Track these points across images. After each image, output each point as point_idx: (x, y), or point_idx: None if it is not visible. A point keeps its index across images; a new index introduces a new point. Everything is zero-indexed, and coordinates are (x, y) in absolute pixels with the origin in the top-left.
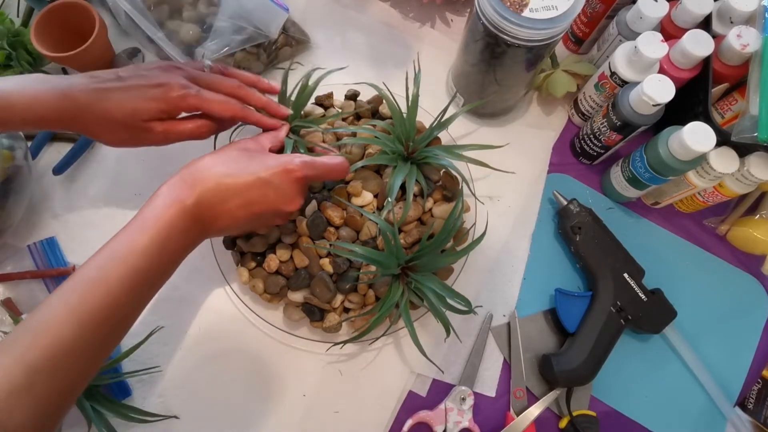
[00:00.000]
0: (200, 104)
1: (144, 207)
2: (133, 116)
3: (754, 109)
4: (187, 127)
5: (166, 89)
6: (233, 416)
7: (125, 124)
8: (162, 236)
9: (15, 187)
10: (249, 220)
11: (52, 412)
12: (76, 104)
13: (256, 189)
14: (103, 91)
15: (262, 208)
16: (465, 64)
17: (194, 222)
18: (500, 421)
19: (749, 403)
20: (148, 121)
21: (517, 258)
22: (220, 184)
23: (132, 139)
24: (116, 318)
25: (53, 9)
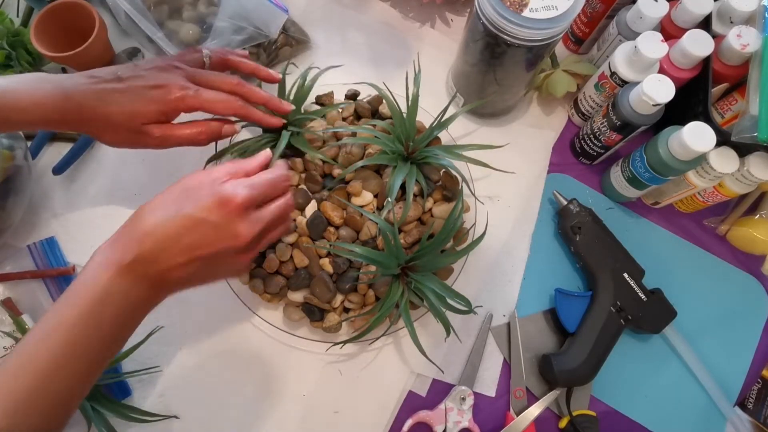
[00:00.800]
0: (199, 105)
1: (77, 276)
2: (132, 119)
3: (753, 109)
4: (185, 132)
5: (164, 91)
6: (233, 416)
7: (125, 127)
8: (95, 306)
9: (15, 187)
10: (202, 268)
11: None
12: (78, 105)
13: (192, 231)
14: (103, 92)
15: (206, 251)
16: (465, 64)
17: (137, 280)
18: (500, 421)
19: (749, 402)
20: (146, 124)
21: (517, 258)
22: (156, 232)
23: (131, 141)
24: (53, 398)
25: (53, 9)
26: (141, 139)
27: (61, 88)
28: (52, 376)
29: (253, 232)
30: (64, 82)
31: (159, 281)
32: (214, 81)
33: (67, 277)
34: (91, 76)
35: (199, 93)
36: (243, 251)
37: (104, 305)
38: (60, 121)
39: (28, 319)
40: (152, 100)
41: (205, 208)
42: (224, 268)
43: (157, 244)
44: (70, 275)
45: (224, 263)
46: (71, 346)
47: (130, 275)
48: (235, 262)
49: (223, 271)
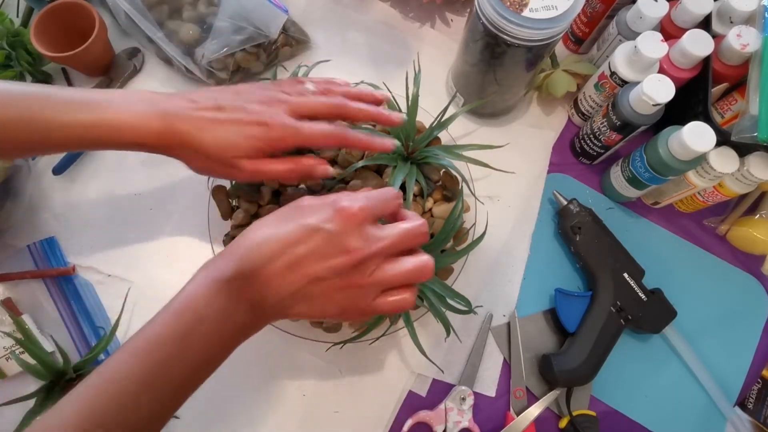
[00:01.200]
0: (301, 143)
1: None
2: (226, 152)
3: (753, 108)
4: (276, 168)
5: (265, 129)
6: (233, 416)
7: (217, 158)
8: (189, 323)
9: (15, 187)
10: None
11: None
12: (175, 133)
13: (301, 242)
14: (202, 120)
15: (313, 267)
16: (465, 64)
17: (236, 298)
18: (500, 421)
19: (749, 402)
20: (239, 158)
21: (517, 258)
22: (261, 245)
23: (219, 172)
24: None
25: (53, 9)
26: (230, 171)
27: (161, 111)
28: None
29: (366, 251)
30: (163, 104)
31: (259, 300)
32: (318, 110)
33: (67, 277)
34: (191, 100)
35: (301, 131)
36: (355, 274)
37: (200, 323)
38: (152, 145)
39: (28, 319)
40: (251, 136)
41: (320, 217)
42: (342, 295)
43: (260, 258)
44: (70, 275)
45: (340, 287)
46: (161, 366)
47: (229, 292)
48: (356, 289)
49: (342, 298)
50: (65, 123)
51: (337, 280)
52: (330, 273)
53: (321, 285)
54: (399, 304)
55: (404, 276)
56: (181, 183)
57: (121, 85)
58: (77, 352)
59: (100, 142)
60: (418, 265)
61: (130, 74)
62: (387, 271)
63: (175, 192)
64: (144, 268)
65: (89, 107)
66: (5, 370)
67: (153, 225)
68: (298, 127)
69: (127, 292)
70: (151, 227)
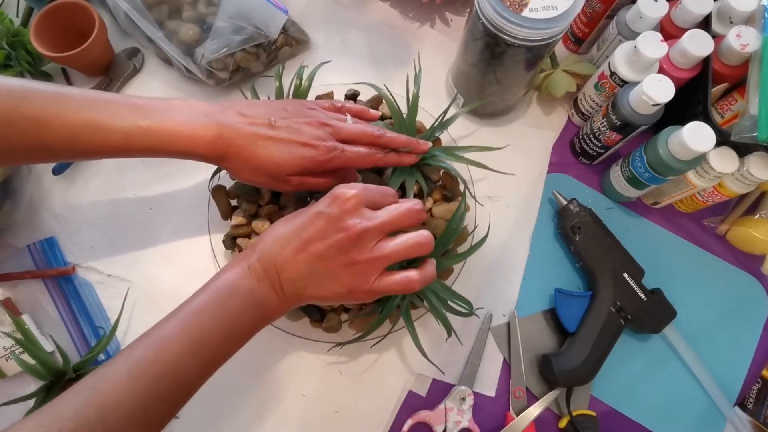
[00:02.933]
0: (343, 164)
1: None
2: (277, 169)
3: (753, 108)
4: (319, 181)
5: (314, 151)
6: (233, 416)
7: (267, 173)
8: (221, 295)
9: (14, 187)
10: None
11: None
12: (230, 144)
13: (309, 226)
14: (256, 137)
15: (319, 245)
16: (465, 63)
17: (260, 279)
18: (500, 421)
19: (749, 402)
20: (288, 174)
21: (516, 258)
22: (277, 236)
23: (267, 183)
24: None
25: (53, 9)
26: (278, 185)
27: (216, 122)
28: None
29: (362, 226)
30: (217, 116)
31: (278, 282)
32: (358, 137)
33: (67, 277)
34: (244, 115)
35: (344, 153)
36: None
37: (231, 297)
38: (204, 155)
39: (27, 319)
40: (302, 157)
41: (322, 204)
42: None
43: (275, 247)
44: (70, 275)
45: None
46: (200, 330)
47: (255, 275)
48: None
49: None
50: (125, 129)
51: (341, 257)
52: (332, 250)
53: (326, 263)
54: (404, 281)
55: (404, 250)
56: (181, 183)
57: (121, 85)
58: (77, 352)
59: (154, 148)
60: (417, 239)
61: (129, 74)
62: (386, 246)
63: (175, 192)
64: (144, 268)
65: (148, 114)
66: (5, 370)
67: (153, 225)
68: (342, 150)
69: (127, 291)
70: (151, 227)
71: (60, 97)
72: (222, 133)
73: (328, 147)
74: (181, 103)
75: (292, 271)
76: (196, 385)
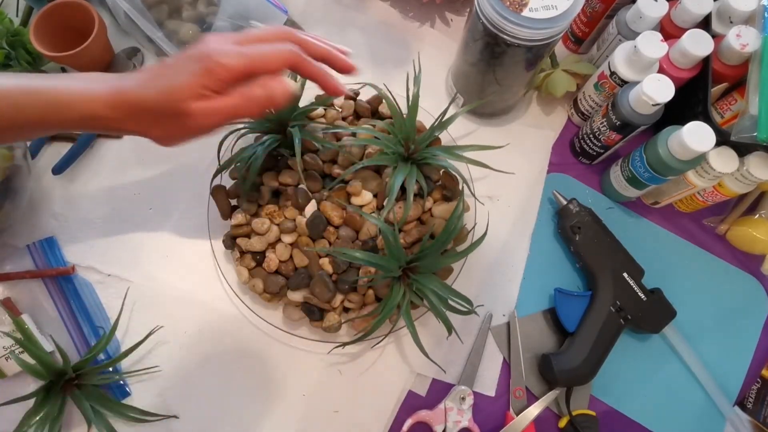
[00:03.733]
0: (247, 64)
1: None
2: (170, 98)
3: (753, 108)
4: (228, 102)
5: (206, 61)
6: (233, 416)
7: (166, 112)
8: None
9: (14, 187)
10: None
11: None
12: (123, 96)
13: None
14: (145, 79)
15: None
16: (465, 63)
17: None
18: (500, 421)
19: (748, 402)
20: (186, 101)
21: (516, 258)
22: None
23: (177, 130)
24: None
25: (52, 8)
26: (183, 123)
27: (109, 82)
28: None
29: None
30: (113, 79)
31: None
32: (265, 36)
33: (67, 276)
34: (141, 70)
35: (244, 50)
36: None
37: None
38: (105, 117)
39: (27, 318)
40: (193, 73)
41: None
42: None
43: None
44: (70, 275)
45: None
46: None
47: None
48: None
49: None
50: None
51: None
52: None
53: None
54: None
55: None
56: (180, 183)
57: None
58: (76, 352)
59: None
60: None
61: None
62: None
63: (174, 192)
64: (143, 268)
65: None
66: (5, 369)
67: (153, 225)
68: (242, 51)
69: (127, 291)
70: (150, 227)
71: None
72: (114, 88)
73: (222, 50)
74: (67, 76)
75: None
76: None
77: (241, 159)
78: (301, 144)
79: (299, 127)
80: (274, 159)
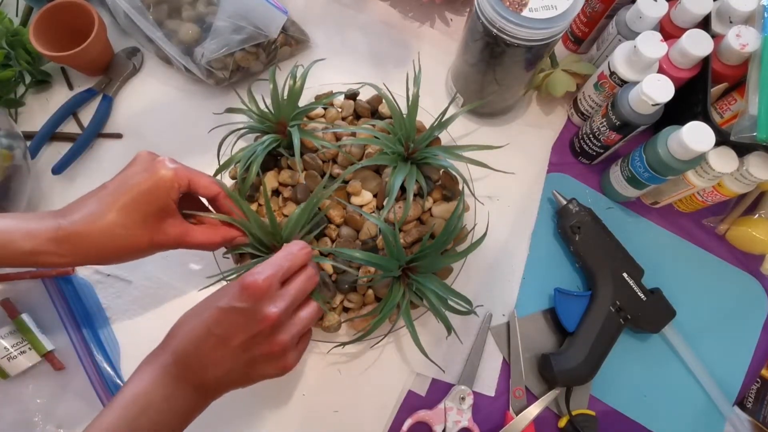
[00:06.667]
0: (192, 178)
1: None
2: (131, 212)
3: (753, 108)
4: (203, 238)
5: (155, 169)
6: (233, 415)
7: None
8: (134, 414)
9: (14, 187)
10: (239, 361)
11: None
12: (73, 232)
13: (222, 322)
14: (89, 203)
15: (239, 339)
16: (464, 63)
17: (178, 382)
18: (499, 421)
19: (748, 402)
20: (159, 221)
21: (516, 257)
22: (189, 332)
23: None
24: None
25: (52, 8)
26: (158, 239)
27: (52, 215)
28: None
29: (279, 310)
30: (53, 215)
31: (200, 382)
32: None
33: (66, 277)
34: (78, 200)
35: (182, 166)
36: (277, 334)
37: (145, 412)
38: (55, 254)
39: (27, 318)
40: (146, 187)
41: (230, 297)
42: (264, 363)
43: (192, 343)
44: (69, 275)
45: (261, 354)
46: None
47: (171, 380)
48: (274, 353)
49: (264, 366)
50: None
51: (266, 343)
52: (254, 340)
53: (251, 352)
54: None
55: (307, 324)
56: None
57: (121, 84)
58: (75, 352)
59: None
60: (312, 313)
61: (129, 74)
62: (295, 325)
63: None
64: (143, 268)
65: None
66: (7, 370)
67: None
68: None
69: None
70: None
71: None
72: (59, 223)
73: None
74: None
75: (217, 367)
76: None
77: (240, 159)
78: (300, 143)
79: (298, 127)
80: (274, 159)
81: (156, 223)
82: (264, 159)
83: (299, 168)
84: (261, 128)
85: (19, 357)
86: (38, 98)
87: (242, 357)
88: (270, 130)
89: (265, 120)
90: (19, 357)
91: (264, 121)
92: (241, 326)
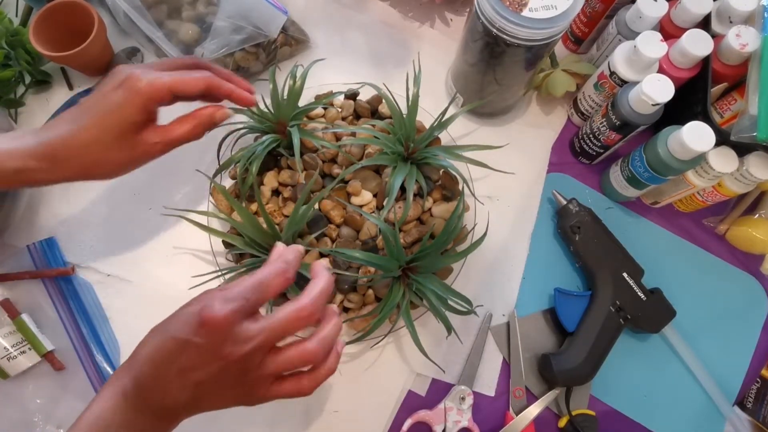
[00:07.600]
0: (171, 84)
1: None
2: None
3: (753, 108)
4: (182, 130)
5: (128, 85)
6: (233, 416)
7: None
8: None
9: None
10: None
11: None
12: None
13: (181, 354)
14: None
15: (199, 375)
16: (464, 63)
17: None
18: (499, 421)
19: (748, 402)
20: (135, 134)
21: (516, 257)
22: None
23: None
24: None
25: (52, 8)
26: (139, 150)
27: (32, 132)
28: None
29: (241, 351)
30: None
31: (162, 410)
32: (182, 63)
33: (66, 277)
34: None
35: (163, 75)
36: (243, 373)
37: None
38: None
39: (27, 318)
40: (120, 103)
41: (189, 330)
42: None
43: (152, 366)
44: (69, 275)
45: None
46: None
47: (132, 404)
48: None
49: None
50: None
51: (225, 379)
52: (213, 377)
53: (210, 386)
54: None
55: (290, 366)
56: (180, 183)
57: None
58: (75, 353)
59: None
60: (301, 356)
61: None
62: (271, 364)
63: (174, 192)
64: (143, 268)
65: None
66: (7, 370)
67: (152, 225)
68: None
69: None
70: (150, 227)
71: None
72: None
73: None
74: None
75: (176, 395)
76: None
77: (240, 159)
78: (300, 143)
79: (298, 127)
80: (274, 159)
81: (135, 136)
82: (264, 159)
83: (299, 168)
84: (261, 128)
85: (19, 357)
86: (38, 98)
87: (201, 389)
88: (270, 130)
89: (265, 120)
90: (19, 357)
91: (264, 121)
92: (198, 362)
